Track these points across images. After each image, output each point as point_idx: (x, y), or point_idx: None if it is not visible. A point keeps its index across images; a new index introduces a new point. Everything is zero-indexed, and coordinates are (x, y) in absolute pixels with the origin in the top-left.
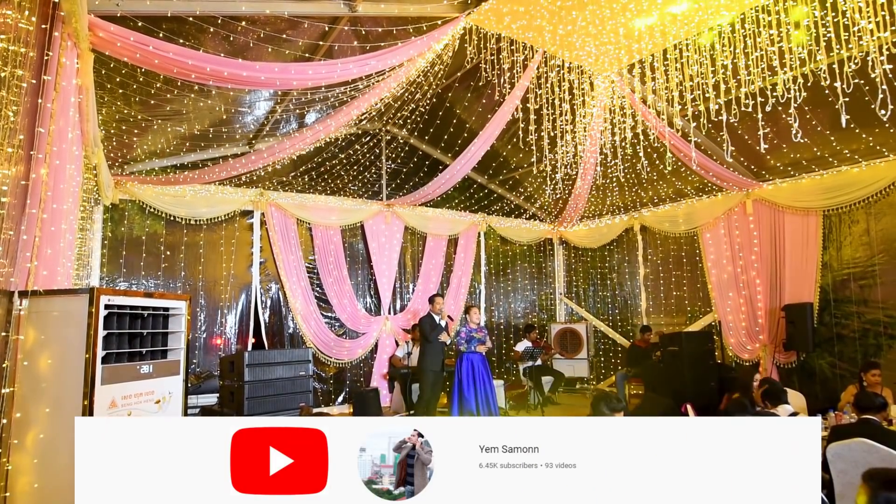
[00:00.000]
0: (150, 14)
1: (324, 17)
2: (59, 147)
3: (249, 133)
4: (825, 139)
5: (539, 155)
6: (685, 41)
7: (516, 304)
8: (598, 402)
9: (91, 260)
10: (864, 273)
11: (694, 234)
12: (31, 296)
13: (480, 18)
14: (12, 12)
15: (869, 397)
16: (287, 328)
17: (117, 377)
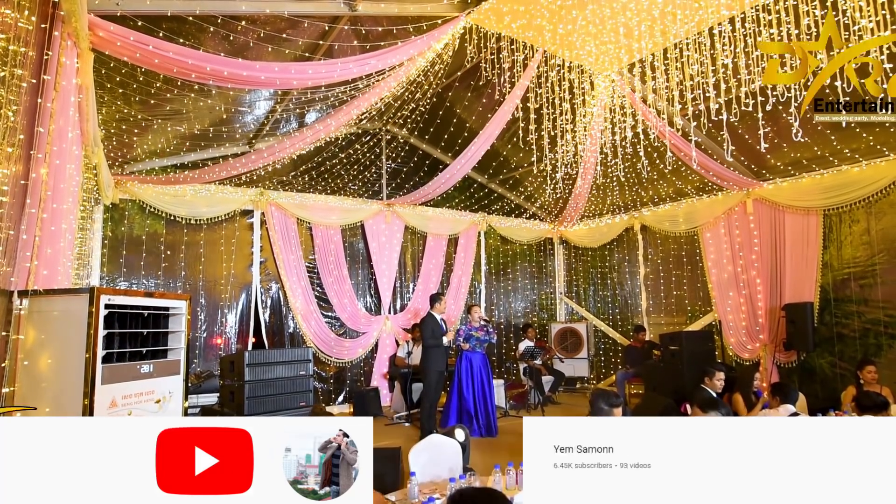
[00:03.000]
0: (149, 13)
1: (324, 16)
2: (58, 146)
3: (249, 133)
4: (825, 138)
5: (539, 154)
6: (685, 40)
7: (516, 303)
8: (596, 399)
9: (91, 259)
10: (865, 272)
11: (694, 233)
12: (31, 295)
13: (480, 18)
14: (12, 11)
15: (870, 397)
16: (287, 328)
17: (117, 377)
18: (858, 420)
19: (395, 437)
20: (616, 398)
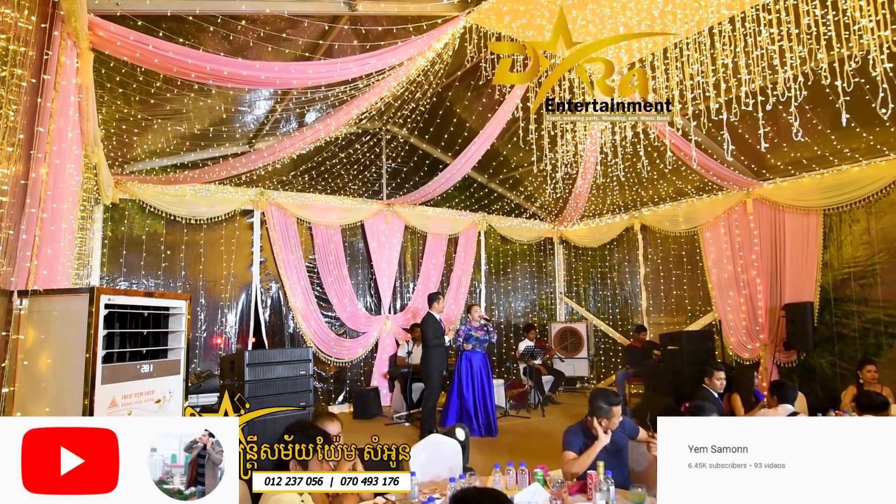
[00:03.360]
0: (149, 13)
1: (324, 16)
2: (58, 146)
3: (249, 132)
4: (826, 138)
5: (539, 154)
6: (685, 40)
7: (516, 303)
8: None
9: (91, 259)
10: (865, 272)
11: (694, 233)
12: (31, 295)
13: (480, 17)
14: (12, 11)
15: (870, 396)
16: (287, 327)
17: (117, 377)
18: None
19: (396, 437)
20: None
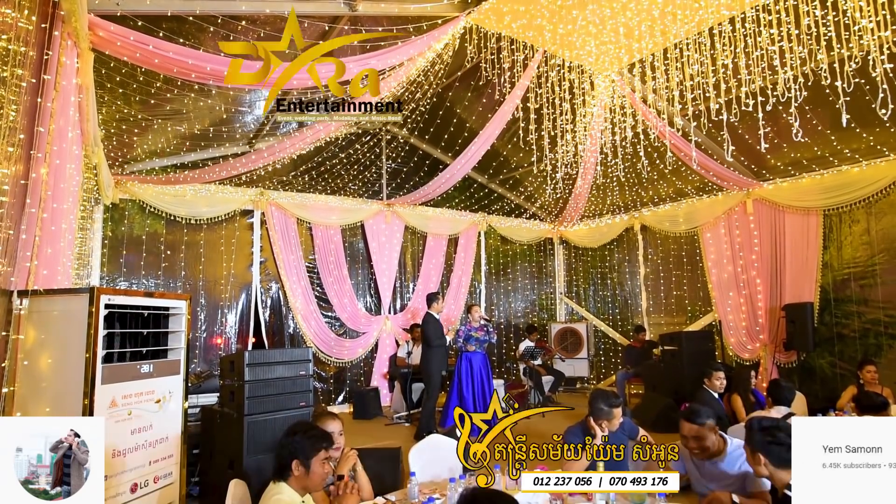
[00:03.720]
0: (149, 13)
1: (324, 16)
2: (58, 146)
3: (249, 132)
4: (826, 138)
5: (539, 154)
6: (685, 40)
7: (516, 303)
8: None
9: (91, 259)
10: (865, 273)
11: (694, 233)
12: (31, 295)
13: (481, 18)
14: (12, 11)
15: (869, 396)
16: (287, 328)
17: (118, 377)
18: None
19: (395, 437)
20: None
